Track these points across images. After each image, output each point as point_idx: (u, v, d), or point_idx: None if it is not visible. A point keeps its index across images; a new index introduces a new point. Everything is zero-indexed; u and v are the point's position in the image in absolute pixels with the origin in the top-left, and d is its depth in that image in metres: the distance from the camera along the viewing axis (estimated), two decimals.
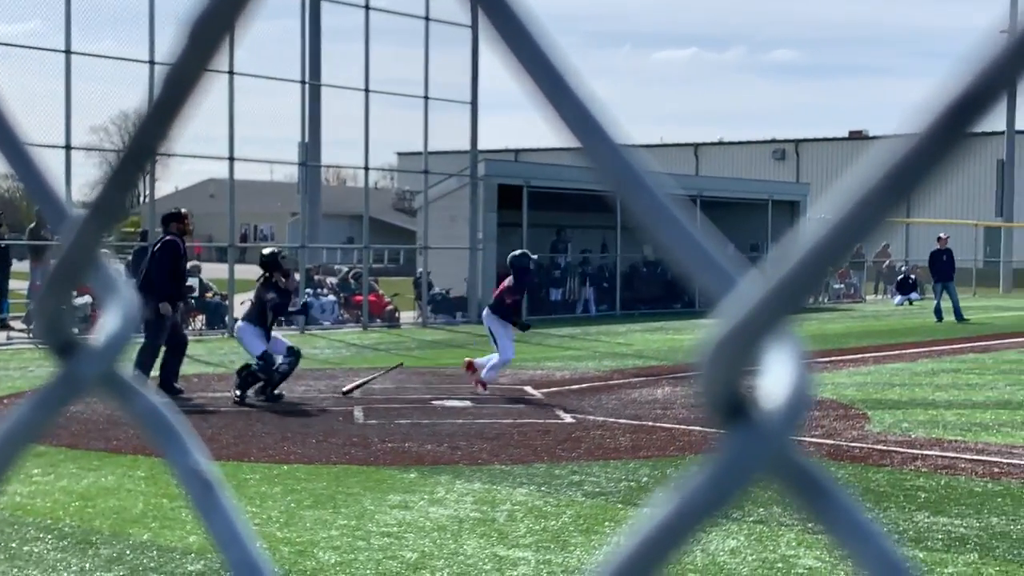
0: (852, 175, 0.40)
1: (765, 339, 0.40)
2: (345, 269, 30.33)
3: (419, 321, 27.21)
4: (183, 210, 14.62)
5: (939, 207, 54.67)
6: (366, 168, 26.68)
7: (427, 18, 26.65)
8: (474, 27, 27.48)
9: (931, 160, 0.37)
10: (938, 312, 28.89)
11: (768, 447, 0.40)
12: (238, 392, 13.19)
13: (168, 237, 13.95)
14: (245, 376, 13.29)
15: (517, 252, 14.89)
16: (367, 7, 25.57)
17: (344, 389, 14.02)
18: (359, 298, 26.62)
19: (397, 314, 27.25)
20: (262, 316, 13.49)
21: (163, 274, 13.72)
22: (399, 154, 48.02)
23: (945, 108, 0.38)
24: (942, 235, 30.01)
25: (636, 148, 0.45)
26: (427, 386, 14.88)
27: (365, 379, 14.33)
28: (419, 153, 27.84)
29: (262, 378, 13.29)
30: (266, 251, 14.19)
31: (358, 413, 12.52)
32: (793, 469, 0.40)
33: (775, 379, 0.41)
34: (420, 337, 23.59)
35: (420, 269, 28.16)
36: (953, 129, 0.37)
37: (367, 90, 25.82)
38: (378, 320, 26.58)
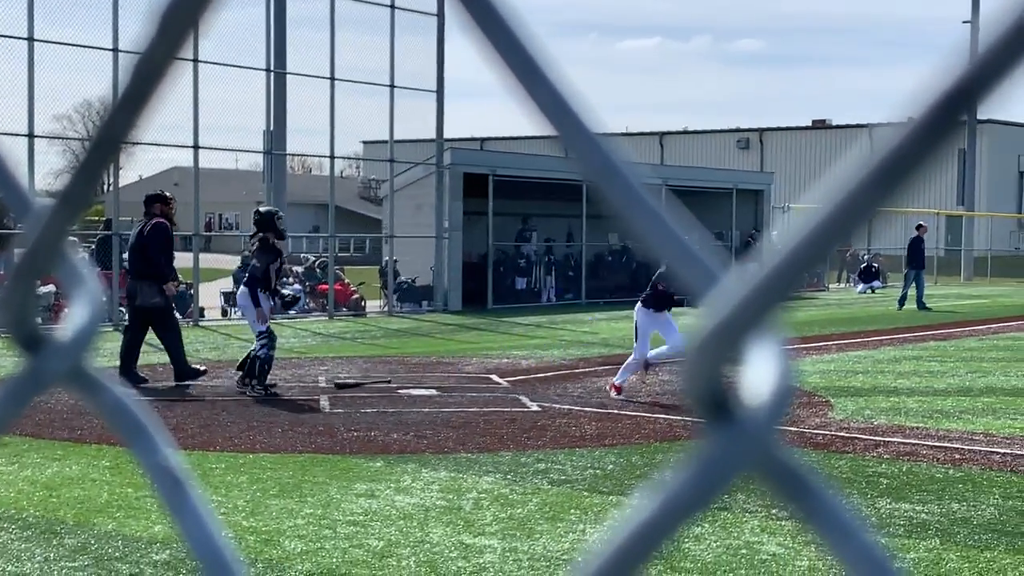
0: (843, 166, 0.39)
1: (752, 333, 0.39)
2: (311, 258, 30.22)
3: (385, 310, 27.16)
4: (167, 192, 14.43)
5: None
6: (331, 157, 26.58)
7: (392, 6, 26.55)
8: (440, 15, 27.41)
9: (923, 150, 0.36)
10: (903, 300, 29.14)
11: (753, 443, 0.39)
12: (263, 386, 12.79)
13: (157, 220, 13.80)
14: (252, 363, 12.91)
15: None
16: None
17: (338, 381, 13.91)
18: (325, 287, 26.54)
19: (363, 303, 27.20)
20: (266, 280, 12.95)
21: (160, 256, 13.58)
22: (364, 143, 47.87)
23: (939, 97, 0.37)
24: (922, 224, 30.43)
25: (614, 139, 0.44)
26: (393, 375, 14.85)
27: (360, 382, 14.08)
28: (385, 142, 27.75)
29: (271, 357, 12.98)
30: (263, 209, 13.67)
31: (324, 402, 12.48)
32: (778, 465, 0.40)
33: (759, 374, 0.41)
34: (386, 326, 23.55)
35: (386, 258, 28.10)
36: (946, 118, 0.37)
37: (332, 78, 25.71)
38: (344, 309, 26.51)
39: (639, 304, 13.45)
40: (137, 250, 13.78)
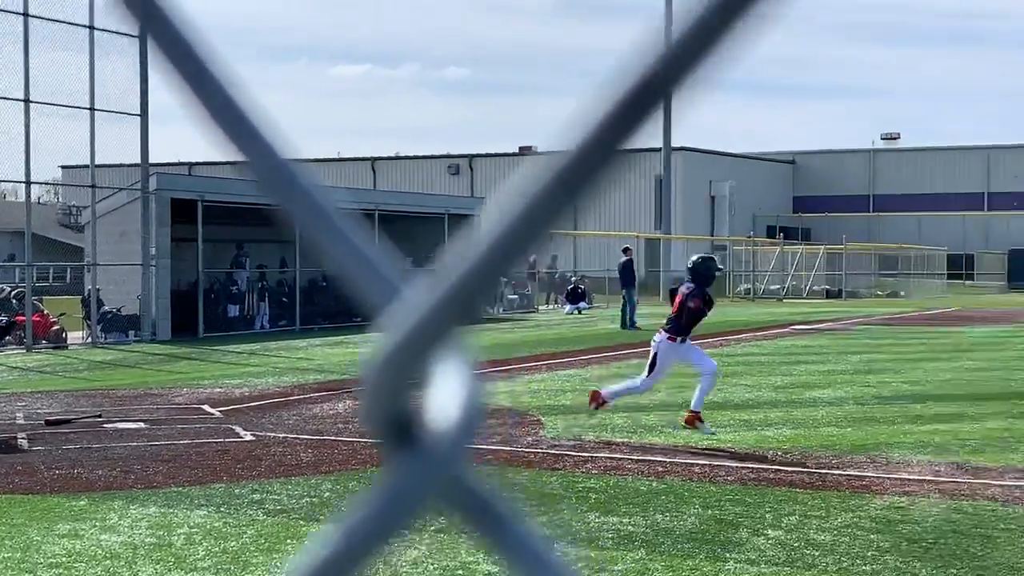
0: (513, 186, 0.39)
1: (434, 352, 0.38)
2: (7, 288, 28.69)
3: (89, 341, 26.05)
4: None
5: (603, 220, 57.39)
6: (27, 182, 25.33)
7: (91, 27, 25.57)
8: (142, 37, 26.54)
9: (589, 171, 0.36)
10: (633, 319, 30.48)
11: (438, 471, 0.38)
12: None
13: None
14: None
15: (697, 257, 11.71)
16: (26, 14, 24.30)
17: (49, 419, 13.19)
18: (22, 318, 25.23)
19: (64, 334, 26.01)
20: None
21: None
22: (64, 167, 45.86)
23: (599, 123, 0.37)
24: (628, 247, 32.61)
25: (301, 159, 0.43)
26: (99, 408, 14.24)
27: (70, 418, 13.35)
28: (86, 166, 26.67)
29: None
30: None
31: (22, 440, 11.84)
32: (464, 492, 0.38)
33: (444, 396, 0.39)
34: (90, 358, 22.58)
35: (88, 287, 26.96)
36: (609, 143, 0.37)
37: (27, 100, 24.51)
38: (43, 341, 25.27)
39: (664, 335, 11.63)
40: None
